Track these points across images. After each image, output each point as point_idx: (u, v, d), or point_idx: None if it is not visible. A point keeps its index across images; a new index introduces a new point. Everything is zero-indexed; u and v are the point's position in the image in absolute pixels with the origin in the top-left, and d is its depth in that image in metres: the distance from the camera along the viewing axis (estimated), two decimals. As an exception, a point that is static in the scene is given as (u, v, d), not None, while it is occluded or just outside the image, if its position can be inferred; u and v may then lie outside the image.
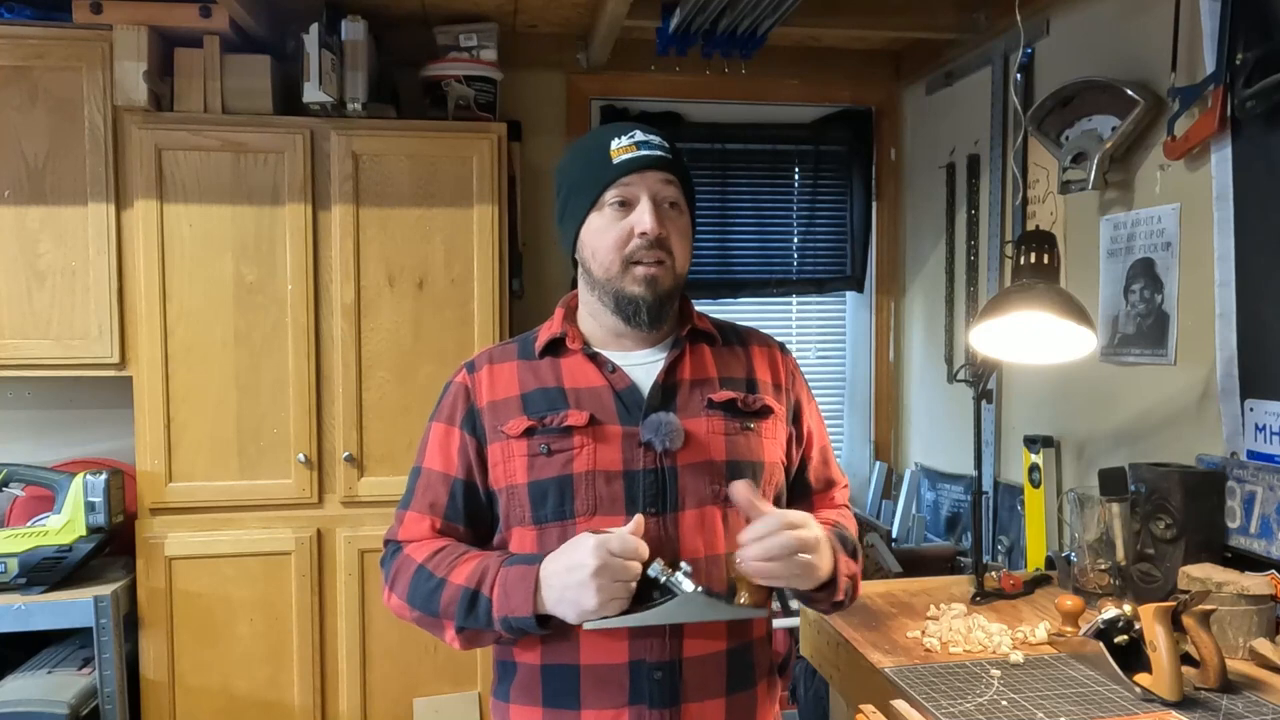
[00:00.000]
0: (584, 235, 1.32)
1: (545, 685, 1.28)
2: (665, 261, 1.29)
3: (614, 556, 1.15)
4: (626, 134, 1.30)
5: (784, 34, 2.87)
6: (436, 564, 1.27)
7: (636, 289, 1.28)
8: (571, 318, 1.38)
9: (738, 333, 1.44)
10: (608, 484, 1.26)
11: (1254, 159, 1.88)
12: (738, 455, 1.30)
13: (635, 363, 1.34)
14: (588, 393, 1.30)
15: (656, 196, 1.29)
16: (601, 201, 1.29)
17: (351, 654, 2.67)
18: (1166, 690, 1.47)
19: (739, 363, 1.38)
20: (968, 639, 1.77)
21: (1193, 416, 2.06)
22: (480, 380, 1.35)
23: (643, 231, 1.27)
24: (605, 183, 1.29)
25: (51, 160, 2.53)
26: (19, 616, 2.39)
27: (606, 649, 1.25)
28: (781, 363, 1.42)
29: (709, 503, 1.28)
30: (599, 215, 1.30)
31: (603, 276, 1.30)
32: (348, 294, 2.63)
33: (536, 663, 1.28)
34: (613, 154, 1.29)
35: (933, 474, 3.20)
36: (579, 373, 1.32)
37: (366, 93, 2.62)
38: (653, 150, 1.29)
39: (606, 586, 1.15)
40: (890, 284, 3.46)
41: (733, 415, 1.32)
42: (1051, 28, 2.54)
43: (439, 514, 1.33)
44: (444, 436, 1.34)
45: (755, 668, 1.32)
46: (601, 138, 1.32)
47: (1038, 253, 2.02)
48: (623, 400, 1.30)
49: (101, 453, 2.85)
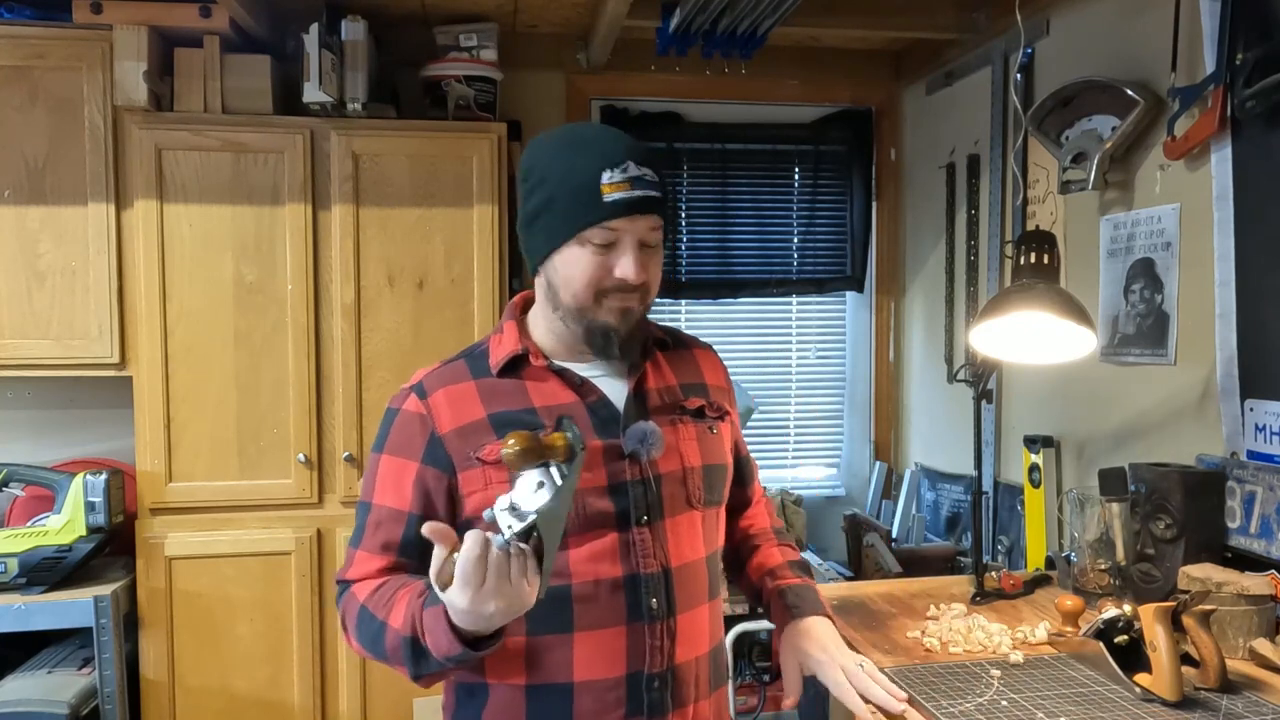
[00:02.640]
0: (556, 260, 1.24)
1: (530, 706, 1.23)
2: (640, 296, 1.26)
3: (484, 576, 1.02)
4: (619, 166, 1.19)
5: (784, 34, 2.87)
6: (375, 604, 1.19)
7: (610, 319, 1.24)
8: (525, 331, 1.32)
9: (678, 337, 1.44)
10: (597, 500, 1.23)
11: (1254, 159, 1.88)
12: (709, 459, 1.33)
13: (599, 374, 1.30)
14: (560, 410, 1.24)
15: (644, 242, 1.22)
16: (584, 238, 1.20)
17: (351, 654, 2.67)
18: (1166, 690, 1.47)
19: (691, 368, 1.40)
20: (968, 639, 1.77)
21: (1193, 416, 2.06)
22: (437, 406, 1.26)
23: (630, 279, 1.21)
24: (590, 221, 1.19)
25: (51, 160, 2.53)
26: (19, 616, 2.39)
27: (604, 664, 1.22)
28: (718, 364, 1.46)
29: (688, 508, 1.29)
30: (578, 248, 1.21)
31: (573, 305, 1.24)
32: (348, 294, 2.63)
33: (521, 683, 1.23)
34: (604, 189, 1.18)
35: (933, 474, 3.20)
36: (546, 390, 1.27)
37: (366, 93, 2.62)
38: (646, 190, 1.20)
39: (502, 594, 1.03)
40: (890, 284, 3.46)
41: (701, 419, 1.35)
42: (1051, 28, 2.53)
43: (392, 552, 1.24)
44: (397, 470, 1.25)
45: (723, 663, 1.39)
46: (592, 161, 1.20)
47: (1038, 253, 2.02)
48: (596, 414, 1.26)
49: (101, 453, 2.84)
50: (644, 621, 1.23)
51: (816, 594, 1.44)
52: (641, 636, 1.23)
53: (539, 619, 1.19)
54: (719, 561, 1.39)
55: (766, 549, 1.51)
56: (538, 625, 1.21)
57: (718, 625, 1.35)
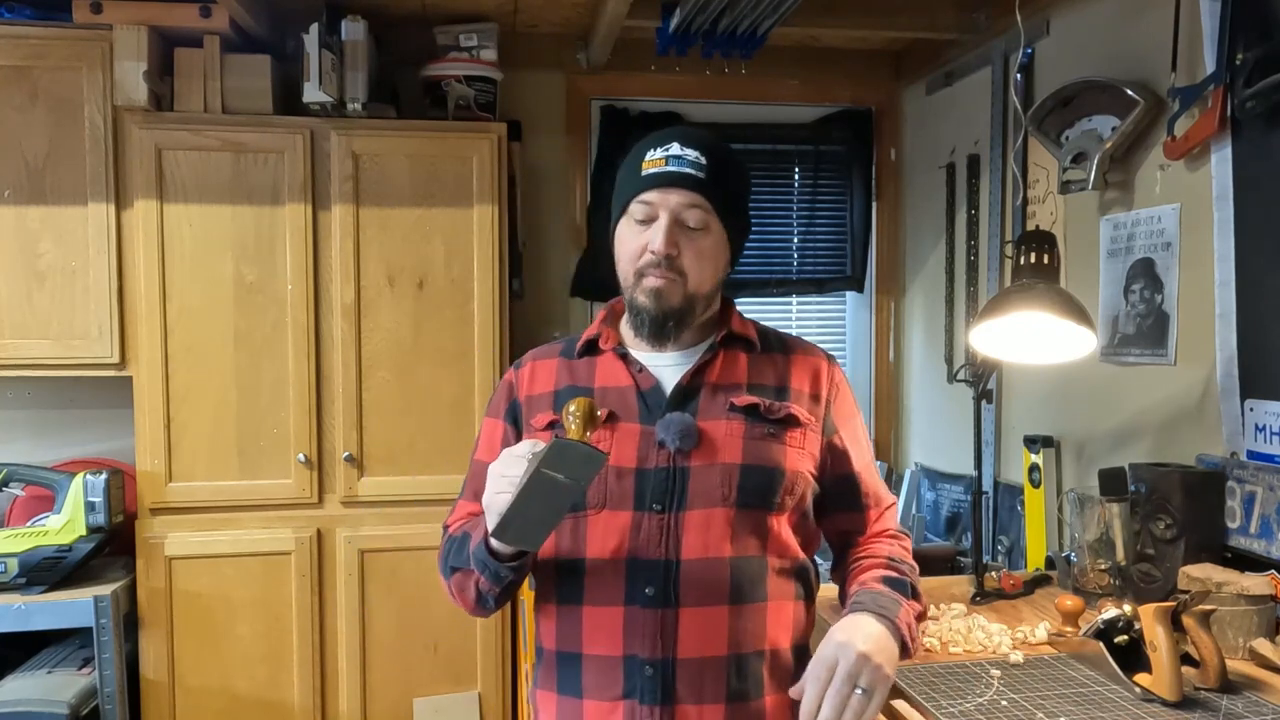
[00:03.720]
0: (615, 238, 1.36)
1: (559, 672, 1.31)
2: (676, 280, 1.29)
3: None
4: (663, 145, 1.30)
5: (784, 34, 2.87)
6: (457, 528, 1.34)
7: (642, 299, 1.30)
8: (613, 319, 1.42)
9: (782, 341, 1.42)
10: (619, 479, 1.27)
11: (1254, 159, 1.88)
12: (755, 460, 1.29)
13: (665, 364, 1.35)
14: (614, 391, 1.33)
15: (677, 216, 1.28)
16: (628, 210, 1.32)
17: (351, 654, 2.67)
18: (1166, 690, 1.47)
19: (774, 370, 1.37)
20: (968, 639, 1.77)
21: (1193, 416, 2.06)
22: (524, 375, 1.40)
23: (653, 250, 1.28)
24: (631, 195, 1.31)
25: (51, 160, 2.53)
26: (19, 616, 2.39)
27: (605, 641, 1.26)
28: (824, 374, 1.38)
29: (717, 504, 1.27)
30: (624, 225, 1.33)
31: (623, 283, 1.34)
32: (348, 294, 2.63)
33: (553, 649, 1.32)
34: (644, 165, 1.30)
35: (933, 474, 3.20)
36: (609, 372, 1.36)
37: (366, 93, 2.62)
38: (683, 167, 1.28)
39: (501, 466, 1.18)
40: (890, 284, 3.46)
41: (755, 420, 1.31)
42: (1051, 28, 2.53)
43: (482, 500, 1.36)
44: (490, 428, 1.41)
45: (766, 679, 1.28)
46: (645, 144, 1.33)
47: (1038, 253, 2.02)
48: (645, 400, 1.32)
49: (101, 453, 2.85)
50: (639, 606, 1.25)
51: (896, 603, 1.25)
52: (638, 620, 1.25)
53: (561, 587, 1.30)
54: (760, 568, 1.29)
55: (872, 571, 1.33)
56: (560, 593, 1.30)
57: (749, 635, 1.27)
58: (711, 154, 1.30)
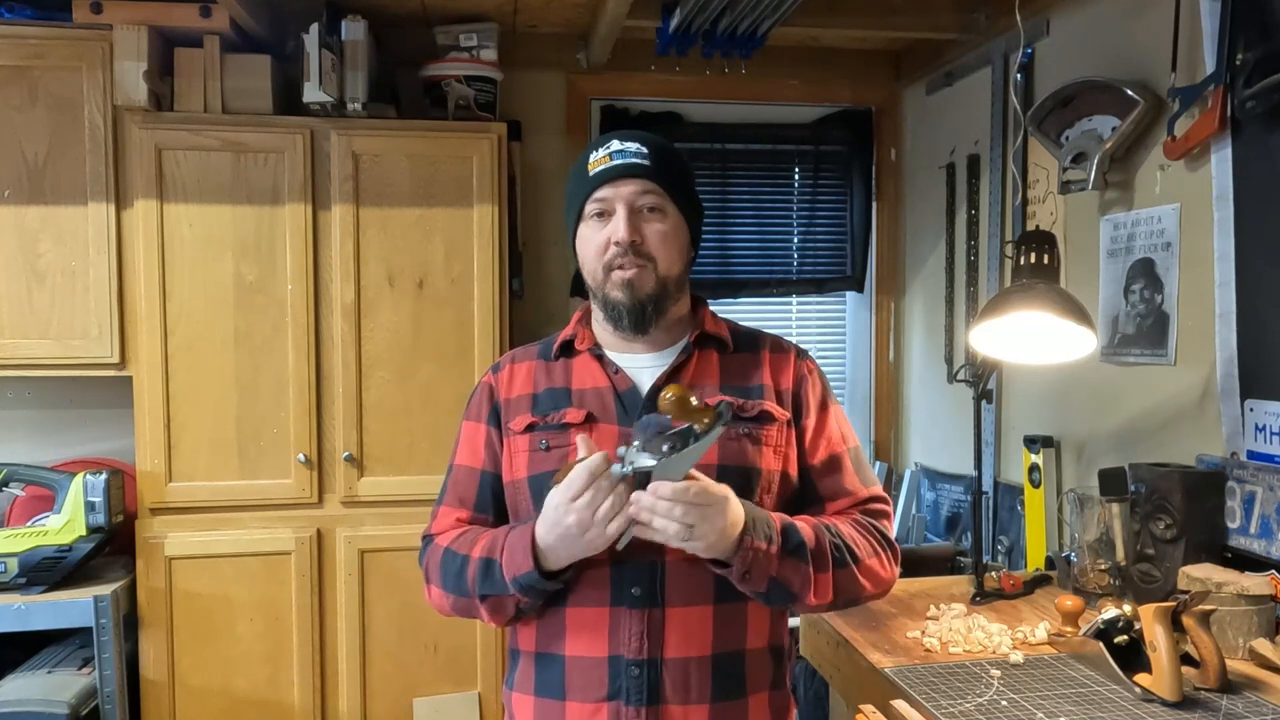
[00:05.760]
0: (576, 246, 1.37)
1: (538, 674, 1.31)
2: (645, 265, 1.31)
3: (582, 489, 1.15)
4: (604, 145, 1.34)
5: (784, 34, 2.87)
6: (459, 544, 1.32)
7: (616, 294, 1.32)
8: (588, 320, 1.43)
9: (754, 339, 1.43)
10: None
11: (1254, 159, 1.88)
12: (730, 460, 1.29)
13: (641, 365, 1.36)
14: (591, 393, 1.34)
15: (633, 205, 1.31)
16: (584, 213, 1.34)
17: (351, 654, 2.67)
18: (1166, 690, 1.47)
19: (748, 369, 1.37)
20: (968, 639, 1.77)
21: (1193, 416, 2.06)
22: (503, 378, 1.41)
23: (617, 240, 1.30)
24: (584, 195, 1.33)
25: (51, 160, 2.53)
26: (19, 616, 2.39)
27: (588, 642, 1.27)
28: (794, 367, 1.39)
29: None
30: (584, 226, 1.35)
31: (592, 284, 1.36)
32: (348, 294, 2.63)
33: (532, 650, 1.32)
34: (590, 166, 1.33)
35: (933, 474, 3.20)
36: (586, 373, 1.37)
37: (366, 93, 2.62)
38: (627, 159, 1.31)
39: (586, 511, 1.15)
40: (890, 284, 3.46)
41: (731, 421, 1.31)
42: (1051, 28, 2.54)
43: (468, 506, 1.38)
44: (471, 432, 1.41)
45: (748, 678, 1.30)
46: (585, 152, 1.36)
47: (1038, 253, 2.03)
48: (622, 401, 1.33)
49: (101, 453, 2.84)
50: (625, 607, 1.25)
51: (770, 533, 1.22)
52: (623, 621, 1.25)
53: None
54: None
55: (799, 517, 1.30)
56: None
57: (731, 632, 1.29)
58: (650, 144, 1.34)
